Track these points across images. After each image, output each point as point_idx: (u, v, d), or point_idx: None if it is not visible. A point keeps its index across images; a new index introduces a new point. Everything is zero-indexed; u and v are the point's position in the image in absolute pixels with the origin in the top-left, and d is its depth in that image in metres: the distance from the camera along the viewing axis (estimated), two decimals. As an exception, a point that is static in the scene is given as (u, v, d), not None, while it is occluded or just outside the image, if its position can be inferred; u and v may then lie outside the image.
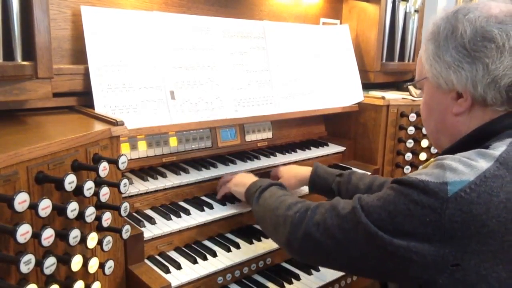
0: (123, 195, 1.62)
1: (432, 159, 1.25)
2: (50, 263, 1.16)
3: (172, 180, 1.97)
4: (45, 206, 1.15)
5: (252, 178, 1.87)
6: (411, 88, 2.69)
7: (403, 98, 2.73)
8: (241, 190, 1.85)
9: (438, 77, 1.31)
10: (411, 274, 1.17)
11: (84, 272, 1.34)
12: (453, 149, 1.28)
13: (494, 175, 1.12)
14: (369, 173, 2.56)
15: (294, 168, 2.17)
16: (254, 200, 1.69)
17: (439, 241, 1.11)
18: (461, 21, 1.25)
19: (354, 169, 2.57)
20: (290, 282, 1.86)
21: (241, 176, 1.95)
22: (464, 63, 1.24)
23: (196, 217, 1.86)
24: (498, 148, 1.18)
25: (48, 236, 1.16)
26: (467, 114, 1.30)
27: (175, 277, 1.64)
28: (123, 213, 1.47)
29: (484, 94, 1.23)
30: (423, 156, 2.71)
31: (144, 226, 1.75)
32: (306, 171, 2.07)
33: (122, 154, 1.48)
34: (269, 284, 1.85)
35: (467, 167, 1.13)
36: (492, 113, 1.26)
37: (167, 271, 1.66)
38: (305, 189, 2.13)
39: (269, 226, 1.57)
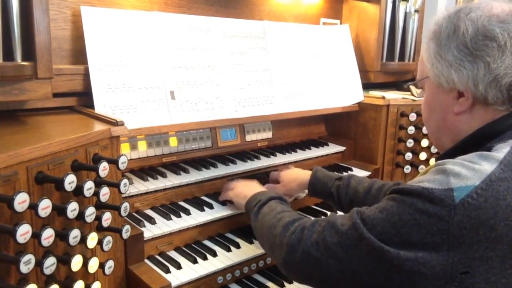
0: (123, 195, 1.62)
1: (431, 165, 1.23)
2: (50, 263, 1.16)
3: (172, 180, 1.97)
4: (45, 206, 1.15)
5: (254, 189, 1.82)
6: (412, 87, 2.69)
7: (403, 98, 2.73)
8: (241, 202, 1.81)
9: (439, 76, 1.30)
10: (418, 287, 1.13)
11: (84, 272, 1.34)
12: (455, 150, 1.27)
13: (499, 178, 1.11)
14: (369, 173, 2.58)
15: (293, 172, 2.14)
16: (253, 216, 1.65)
17: (447, 249, 1.09)
18: (463, 20, 1.24)
19: (354, 168, 2.59)
20: (290, 282, 1.86)
21: (243, 186, 1.91)
22: (466, 62, 1.23)
23: (196, 217, 1.86)
24: (502, 150, 1.17)
25: (48, 236, 1.15)
26: (468, 113, 1.29)
27: (175, 277, 1.63)
28: (123, 213, 1.47)
29: (485, 93, 1.23)
30: (423, 155, 2.71)
31: (144, 226, 1.74)
32: (306, 175, 2.05)
33: (122, 154, 1.48)
34: (269, 283, 1.85)
35: (471, 171, 1.12)
36: (493, 113, 1.25)
37: (167, 271, 1.66)
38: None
39: (266, 245, 1.53)
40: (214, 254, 1.80)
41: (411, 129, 2.66)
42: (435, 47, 1.31)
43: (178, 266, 1.69)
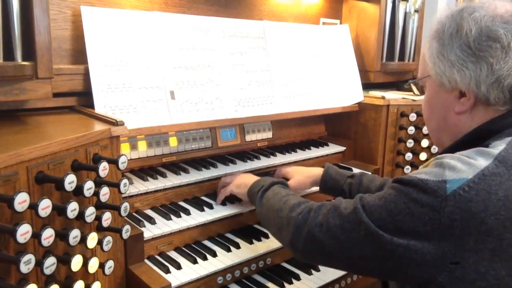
0: (123, 195, 1.62)
1: (432, 158, 1.25)
2: (50, 263, 1.16)
3: (172, 180, 1.97)
4: (45, 206, 1.15)
5: (253, 178, 1.87)
6: (413, 86, 2.69)
7: (403, 98, 2.73)
8: (243, 191, 1.84)
9: (441, 75, 1.31)
10: (410, 273, 1.18)
11: (84, 272, 1.34)
12: (454, 148, 1.28)
13: (492, 173, 1.13)
14: (370, 173, 2.57)
15: (303, 168, 2.16)
16: (257, 201, 1.69)
17: (438, 239, 1.12)
18: (466, 20, 1.25)
19: (354, 169, 2.59)
20: (290, 282, 1.86)
21: (242, 177, 1.94)
22: (468, 62, 1.24)
23: (196, 217, 1.86)
24: (498, 147, 1.19)
25: (48, 236, 1.15)
26: (469, 113, 1.30)
27: (175, 277, 1.63)
28: (123, 213, 1.46)
29: (487, 94, 1.23)
30: (423, 156, 2.71)
31: (144, 226, 1.74)
32: (318, 171, 2.07)
33: (122, 154, 1.48)
34: (269, 284, 1.85)
35: (466, 165, 1.14)
36: (494, 112, 1.27)
37: (167, 271, 1.66)
38: (314, 188, 2.13)
39: (272, 227, 1.57)
40: (214, 254, 1.80)
41: (411, 129, 2.66)
42: (438, 46, 1.31)
43: (178, 266, 1.69)
